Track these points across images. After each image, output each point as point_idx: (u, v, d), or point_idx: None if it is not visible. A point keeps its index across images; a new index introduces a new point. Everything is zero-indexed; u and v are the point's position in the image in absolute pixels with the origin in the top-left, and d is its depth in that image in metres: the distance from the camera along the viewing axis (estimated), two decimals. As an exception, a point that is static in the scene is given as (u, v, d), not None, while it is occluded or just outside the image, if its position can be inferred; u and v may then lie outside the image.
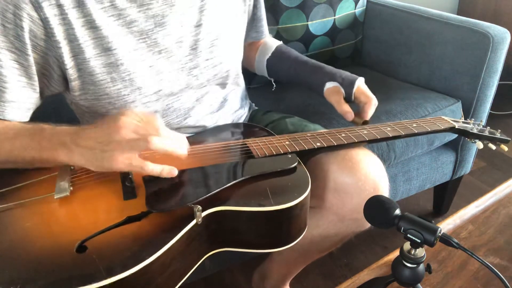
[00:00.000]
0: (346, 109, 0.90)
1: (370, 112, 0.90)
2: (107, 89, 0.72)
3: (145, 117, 0.62)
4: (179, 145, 0.64)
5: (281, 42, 1.05)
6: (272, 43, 1.03)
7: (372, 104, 0.90)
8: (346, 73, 0.94)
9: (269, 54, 1.01)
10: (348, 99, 0.93)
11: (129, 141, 0.59)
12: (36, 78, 0.69)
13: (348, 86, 0.92)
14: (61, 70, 0.71)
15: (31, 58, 0.67)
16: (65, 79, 0.73)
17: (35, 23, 0.65)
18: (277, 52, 1.01)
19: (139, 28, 0.72)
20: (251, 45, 1.04)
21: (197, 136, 0.86)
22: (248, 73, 1.36)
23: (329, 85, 0.93)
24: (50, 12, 0.65)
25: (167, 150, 0.61)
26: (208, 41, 0.80)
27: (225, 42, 0.83)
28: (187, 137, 0.85)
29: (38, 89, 0.71)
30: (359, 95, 0.91)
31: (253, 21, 0.98)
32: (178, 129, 0.85)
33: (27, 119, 0.72)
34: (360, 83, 0.92)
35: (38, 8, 0.64)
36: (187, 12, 0.77)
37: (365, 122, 0.91)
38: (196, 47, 0.79)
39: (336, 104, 0.92)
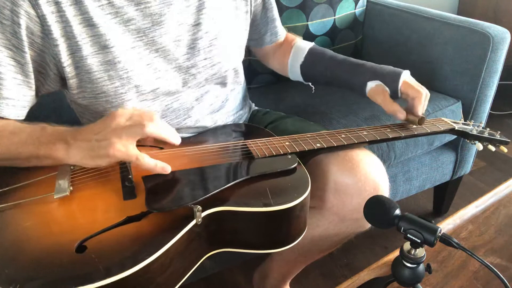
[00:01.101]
0: (395, 108, 0.84)
1: (421, 107, 0.84)
2: (104, 87, 0.73)
3: (141, 109, 0.64)
4: (174, 135, 0.65)
5: (313, 44, 0.98)
6: (303, 46, 0.97)
7: (422, 97, 0.83)
8: (388, 68, 0.88)
9: (302, 59, 0.96)
10: (395, 96, 0.86)
11: (124, 128, 0.60)
12: (32, 76, 0.69)
13: (392, 82, 0.85)
14: (57, 68, 0.71)
15: (28, 56, 0.67)
16: (61, 78, 0.73)
17: (32, 20, 0.65)
18: (310, 55, 0.95)
19: (136, 26, 0.72)
20: (276, 49, 1.01)
21: (197, 137, 0.86)
22: (248, 73, 1.37)
23: (371, 84, 0.87)
24: (48, 9, 0.65)
25: (161, 135, 0.63)
26: (207, 41, 0.80)
27: (225, 42, 0.83)
28: (188, 138, 0.86)
29: (34, 87, 0.71)
30: (406, 90, 0.84)
31: (266, 24, 0.96)
32: (178, 129, 0.85)
33: (23, 117, 0.72)
34: (405, 77, 0.85)
35: (35, 5, 0.64)
36: (185, 11, 0.77)
37: (422, 120, 0.83)
38: (194, 46, 0.79)
39: (382, 105, 0.86)
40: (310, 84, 1.00)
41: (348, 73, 0.91)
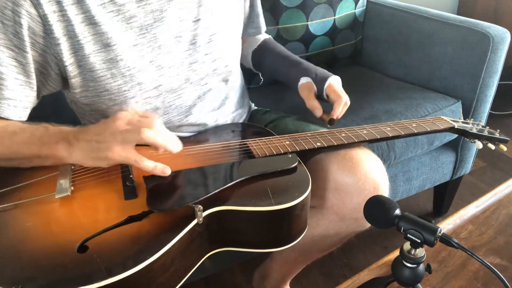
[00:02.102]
0: (314, 105, 0.93)
1: (338, 110, 0.91)
2: (107, 85, 0.73)
3: (143, 113, 0.64)
4: (172, 142, 0.65)
5: (269, 37, 1.08)
6: (260, 37, 1.06)
7: (341, 102, 0.91)
8: (321, 71, 0.97)
9: (255, 47, 1.04)
10: (319, 96, 0.95)
11: (122, 132, 0.60)
12: (34, 76, 0.70)
13: (319, 82, 0.94)
14: (59, 68, 0.71)
15: (30, 56, 0.67)
16: (62, 78, 0.73)
17: (33, 20, 0.65)
18: (263, 45, 1.04)
19: (139, 23, 0.72)
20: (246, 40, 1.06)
21: (197, 136, 0.87)
22: (248, 73, 1.37)
23: (302, 80, 0.96)
24: (49, 8, 0.65)
25: (157, 143, 0.62)
26: (207, 36, 0.80)
27: (224, 37, 0.83)
28: (188, 137, 0.86)
29: (35, 88, 0.71)
30: (329, 93, 0.93)
31: (250, 17, 0.99)
32: (179, 126, 0.85)
33: (25, 118, 0.72)
34: (332, 81, 0.94)
35: (37, 5, 0.64)
36: (186, 7, 0.77)
37: (331, 121, 0.92)
38: (195, 42, 0.79)
39: (305, 99, 0.95)
40: (259, 75, 1.12)
41: (287, 68, 1.01)
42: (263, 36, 1.06)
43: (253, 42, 1.05)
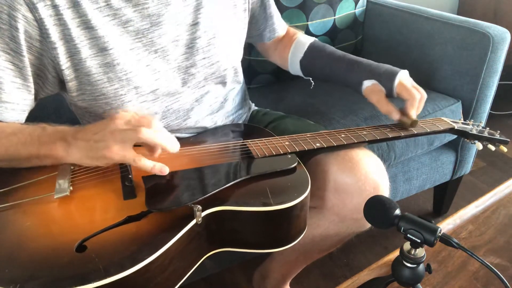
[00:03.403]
0: (389, 109, 0.84)
1: (414, 109, 0.84)
2: (104, 89, 0.73)
3: (142, 114, 0.64)
4: (170, 142, 0.65)
5: (314, 39, 0.98)
6: (304, 41, 0.97)
7: (415, 100, 0.83)
8: (385, 67, 0.87)
9: (302, 54, 0.96)
10: (390, 95, 0.85)
11: (121, 131, 0.60)
12: (31, 79, 0.69)
13: (387, 82, 0.85)
14: (56, 71, 0.71)
15: (26, 59, 0.67)
16: (60, 81, 0.73)
17: (30, 24, 0.65)
18: (310, 50, 0.96)
19: (135, 27, 0.72)
20: (277, 44, 1.01)
21: (197, 137, 0.86)
22: (248, 73, 1.37)
23: (367, 83, 0.87)
24: (45, 12, 0.65)
25: (156, 142, 0.62)
26: (205, 40, 0.80)
27: (223, 41, 0.83)
28: (188, 138, 0.86)
29: (33, 91, 0.71)
30: (400, 91, 0.84)
31: (265, 20, 0.96)
32: (178, 130, 0.85)
33: (23, 121, 0.72)
34: (401, 77, 0.84)
35: (33, 9, 0.64)
36: (183, 11, 0.77)
37: (414, 123, 0.83)
38: (193, 46, 0.79)
39: (377, 105, 0.85)
40: (310, 79, 1.01)
41: (345, 70, 0.91)
42: (307, 39, 0.98)
43: (298, 50, 0.97)
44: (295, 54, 0.97)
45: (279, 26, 1.00)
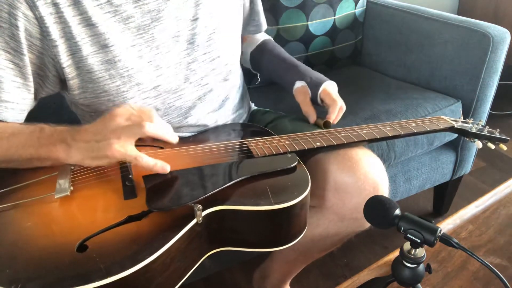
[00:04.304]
0: (309, 110, 0.92)
1: (333, 114, 0.90)
2: (106, 86, 0.73)
3: (139, 108, 0.64)
4: (171, 134, 0.65)
5: (269, 38, 1.06)
6: (259, 37, 1.05)
7: (335, 106, 0.90)
8: (317, 75, 0.95)
9: (254, 47, 1.03)
10: (314, 100, 0.94)
11: (124, 128, 0.60)
12: (31, 78, 0.69)
13: (314, 87, 0.93)
14: (57, 70, 0.71)
15: (27, 58, 0.67)
16: (60, 80, 0.73)
17: (30, 22, 0.65)
18: (261, 46, 1.03)
19: (136, 24, 0.72)
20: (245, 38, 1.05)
21: (197, 136, 0.86)
22: (248, 73, 1.37)
23: (298, 84, 0.95)
24: (46, 10, 0.65)
25: (159, 134, 0.62)
26: (205, 35, 0.80)
27: (223, 36, 0.83)
28: (188, 137, 0.86)
29: (33, 90, 0.71)
30: (324, 97, 0.92)
31: (250, 15, 0.98)
32: (179, 127, 0.85)
33: (22, 120, 0.72)
34: (327, 86, 0.92)
35: (33, 7, 0.64)
36: (183, 6, 0.77)
37: (327, 124, 0.90)
38: (193, 41, 0.79)
39: (301, 104, 0.94)
40: (258, 75, 1.10)
41: (284, 70, 0.99)
42: (263, 36, 1.06)
43: (253, 42, 1.04)
44: (248, 47, 1.05)
45: (264, 23, 1.03)
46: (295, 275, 1.09)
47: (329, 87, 0.93)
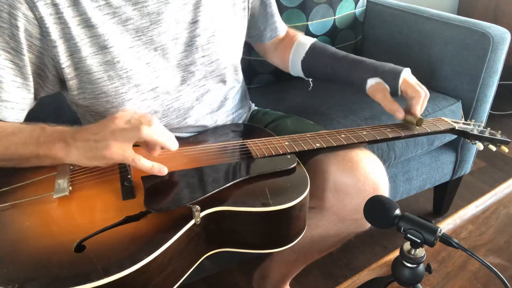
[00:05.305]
0: (394, 107, 0.83)
1: (419, 107, 0.83)
2: (104, 87, 0.72)
3: (143, 114, 0.64)
4: (171, 140, 0.65)
5: (315, 40, 0.97)
6: (305, 41, 0.97)
7: (421, 97, 0.83)
8: (389, 66, 0.87)
9: (303, 55, 0.95)
10: (394, 93, 0.85)
11: (122, 130, 0.60)
12: (31, 78, 0.69)
13: (391, 80, 0.84)
14: (56, 70, 0.71)
15: (26, 58, 0.67)
16: (60, 80, 0.73)
17: (30, 22, 0.65)
18: (311, 51, 0.95)
19: (135, 25, 0.72)
20: (277, 44, 1.01)
21: (196, 137, 0.86)
22: (248, 73, 1.37)
23: (371, 82, 0.86)
24: (45, 11, 0.65)
25: (156, 140, 0.62)
26: (205, 38, 0.80)
27: (222, 39, 0.83)
28: (187, 138, 0.86)
29: (32, 90, 0.71)
30: (405, 89, 0.84)
31: (265, 19, 0.95)
32: (178, 129, 0.85)
33: (22, 120, 0.72)
34: (405, 75, 0.84)
35: (33, 7, 0.64)
36: (182, 9, 0.77)
37: (419, 121, 0.82)
38: (192, 43, 0.79)
39: (382, 103, 0.85)
40: (310, 80, 1.00)
41: (348, 70, 0.90)
42: (309, 40, 0.97)
43: (300, 50, 0.96)
44: (296, 55, 0.97)
45: (280, 26, 0.99)
46: (295, 275, 1.08)
47: (408, 77, 0.85)
